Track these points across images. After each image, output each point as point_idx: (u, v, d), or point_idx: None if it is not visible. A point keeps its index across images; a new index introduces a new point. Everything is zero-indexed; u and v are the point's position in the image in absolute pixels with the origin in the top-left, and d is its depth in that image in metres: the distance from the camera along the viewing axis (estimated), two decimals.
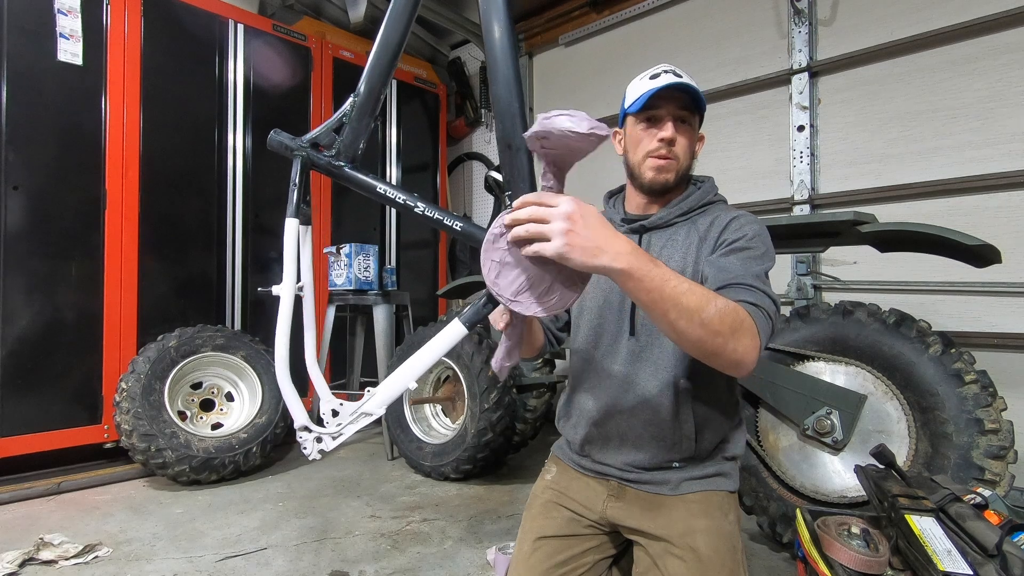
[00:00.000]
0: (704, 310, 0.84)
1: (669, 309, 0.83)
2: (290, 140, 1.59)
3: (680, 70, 1.16)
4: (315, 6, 4.30)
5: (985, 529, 1.11)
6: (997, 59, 2.53)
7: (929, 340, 1.85)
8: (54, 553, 1.97)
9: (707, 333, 0.84)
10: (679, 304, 0.82)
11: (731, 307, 0.88)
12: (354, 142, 1.58)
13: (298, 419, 1.46)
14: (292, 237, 1.59)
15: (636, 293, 0.83)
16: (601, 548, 1.20)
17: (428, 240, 4.58)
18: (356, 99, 1.58)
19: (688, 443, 1.13)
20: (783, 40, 3.17)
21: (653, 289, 0.81)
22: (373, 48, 1.59)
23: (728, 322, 0.85)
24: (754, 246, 1.06)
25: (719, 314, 0.85)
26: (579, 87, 4.20)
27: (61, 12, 2.74)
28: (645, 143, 1.17)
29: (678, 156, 1.15)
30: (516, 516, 2.42)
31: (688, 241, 1.14)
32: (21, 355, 2.64)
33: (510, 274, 0.91)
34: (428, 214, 1.43)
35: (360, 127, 1.57)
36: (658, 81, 1.12)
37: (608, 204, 1.32)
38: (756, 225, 1.11)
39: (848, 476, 1.91)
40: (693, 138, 1.18)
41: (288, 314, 1.55)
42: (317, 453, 1.37)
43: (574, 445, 1.25)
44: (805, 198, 3.04)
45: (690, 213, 1.18)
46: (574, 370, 1.27)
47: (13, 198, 2.62)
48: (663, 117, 1.14)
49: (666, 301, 0.82)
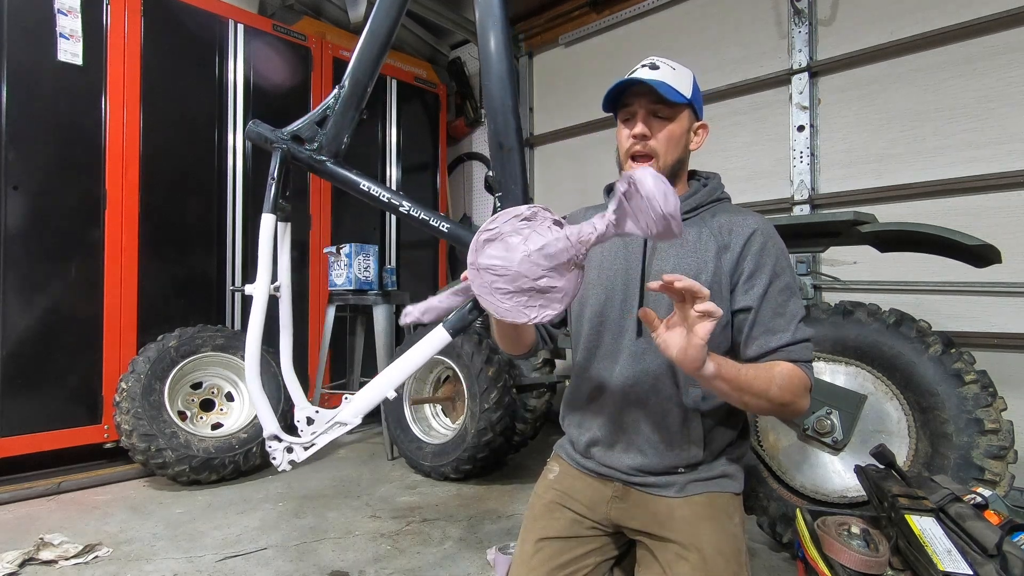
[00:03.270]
0: (769, 391, 0.97)
1: (744, 395, 0.96)
2: (269, 132, 1.53)
3: (663, 60, 1.14)
4: (315, 6, 4.29)
5: (985, 529, 1.11)
6: (997, 59, 2.53)
7: (929, 340, 1.85)
8: (54, 553, 1.97)
9: (772, 406, 1.00)
10: (752, 390, 0.96)
11: (791, 378, 1.00)
12: (337, 136, 1.50)
13: (267, 427, 1.38)
14: (268, 234, 1.51)
15: (716, 387, 0.94)
16: (603, 550, 1.20)
17: (428, 240, 4.57)
18: (341, 91, 1.50)
19: (696, 449, 1.12)
20: (783, 40, 3.17)
21: (731, 382, 0.94)
22: (360, 39, 1.51)
23: (789, 392, 0.99)
24: (787, 280, 1.09)
25: (781, 390, 0.98)
26: (579, 87, 4.19)
27: (61, 12, 2.74)
28: (624, 141, 1.16)
29: (656, 151, 1.12)
30: (516, 516, 2.42)
31: (701, 245, 1.12)
32: (21, 355, 2.63)
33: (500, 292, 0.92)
34: (413, 214, 1.38)
35: (344, 121, 1.50)
36: (629, 77, 1.12)
37: (608, 198, 1.31)
38: (776, 239, 1.12)
39: (848, 476, 1.91)
40: (677, 129, 1.13)
41: (261, 315, 1.48)
42: (287, 464, 1.31)
43: (578, 445, 1.24)
44: (805, 198, 3.04)
45: (698, 210, 1.16)
46: (578, 368, 1.25)
47: (13, 198, 2.62)
48: (635, 112, 1.14)
49: (743, 391, 0.96)
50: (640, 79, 1.10)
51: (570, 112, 4.21)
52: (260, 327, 1.48)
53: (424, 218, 1.36)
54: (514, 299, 0.94)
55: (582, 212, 1.35)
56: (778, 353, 1.04)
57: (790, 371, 1.00)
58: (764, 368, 1.00)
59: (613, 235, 0.91)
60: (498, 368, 2.79)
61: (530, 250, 0.92)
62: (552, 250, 0.91)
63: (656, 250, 1.15)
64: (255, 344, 1.47)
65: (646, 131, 1.12)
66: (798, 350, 1.05)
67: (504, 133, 1.23)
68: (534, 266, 0.92)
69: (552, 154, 4.32)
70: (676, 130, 1.13)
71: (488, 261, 0.95)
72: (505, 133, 1.23)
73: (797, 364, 1.03)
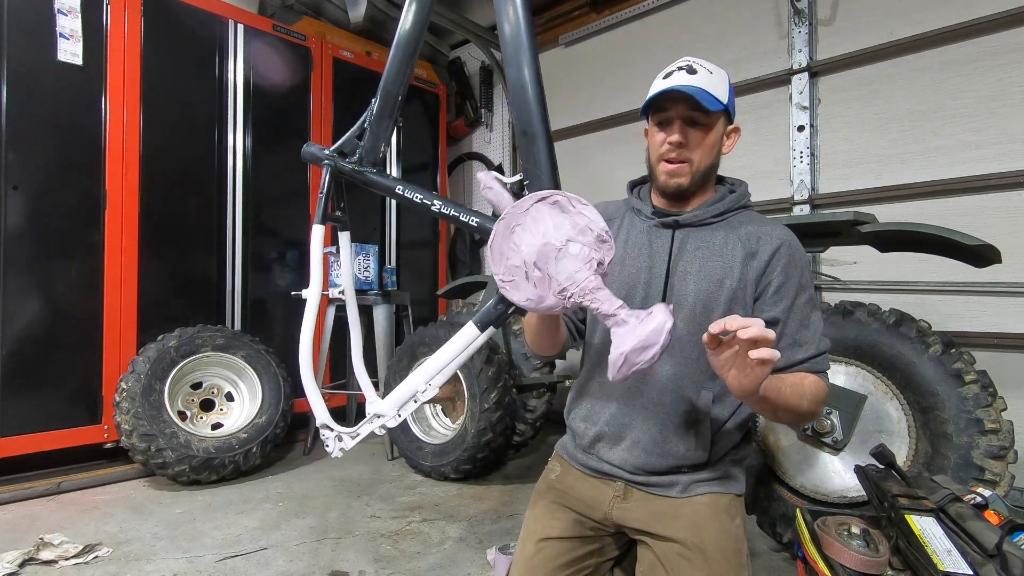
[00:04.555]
0: (801, 405, 1.02)
1: (778, 411, 1.02)
2: (319, 151, 1.64)
3: (701, 63, 1.12)
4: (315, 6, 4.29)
5: (985, 529, 1.11)
6: (997, 59, 2.53)
7: (929, 340, 1.85)
8: (54, 553, 1.97)
9: (799, 418, 1.05)
10: (786, 406, 1.01)
11: (816, 391, 1.04)
12: (375, 146, 1.62)
13: (319, 417, 1.50)
14: (318, 244, 1.63)
15: (756, 404, 1.01)
16: (604, 550, 1.20)
17: (428, 240, 4.58)
18: (375, 103, 1.62)
19: (701, 451, 1.12)
20: (783, 40, 3.17)
21: (772, 401, 0.99)
22: (390, 51, 1.62)
23: (815, 404, 1.04)
24: (811, 292, 1.13)
25: (810, 403, 1.03)
26: (579, 87, 4.20)
27: (61, 12, 2.74)
28: (657, 145, 1.15)
29: (691, 159, 1.12)
30: (516, 516, 2.42)
31: (729, 249, 1.12)
32: (21, 355, 2.63)
33: (520, 279, 0.91)
34: (444, 211, 1.47)
35: (379, 131, 1.62)
36: (667, 82, 1.09)
37: (633, 194, 1.28)
38: (801, 251, 1.14)
39: (848, 476, 1.91)
40: (712, 137, 1.12)
41: (313, 316, 1.60)
42: (338, 451, 1.43)
43: (582, 441, 1.23)
44: (805, 198, 3.04)
45: (725, 215, 1.16)
46: (590, 362, 1.24)
47: (13, 198, 2.62)
48: (672, 119, 1.11)
49: (777, 409, 1.02)
50: (680, 88, 1.07)
51: (570, 112, 4.21)
52: (312, 326, 1.60)
53: (454, 214, 1.44)
54: (536, 286, 0.94)
55: (601, 207, 1.34)
56: (803, 365, 1.08)
57: (815, 384, 1.05)
58: (797, 383, 1.03)
59: (599, 315, 0.96)
60: (498, 368, 2.79)
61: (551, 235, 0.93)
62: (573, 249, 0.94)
63: (684, 249, 1.15)
64: (307, 342, 1.58)
65: (683, 139, 1.11)
66: (821, 362, 1.09)
67: (526, 120, 1.23)
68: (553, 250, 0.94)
69: None
70: (712, 138, 1.12)
71: (509, 246, 0.96)
72: (527, 120, 1.23)
73: (819, 376, 1.07)
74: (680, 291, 1.12)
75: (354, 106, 3.95)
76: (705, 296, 1.11)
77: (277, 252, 3.59)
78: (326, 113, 3.79)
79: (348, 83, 3.92)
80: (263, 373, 3.07)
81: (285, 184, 3.60)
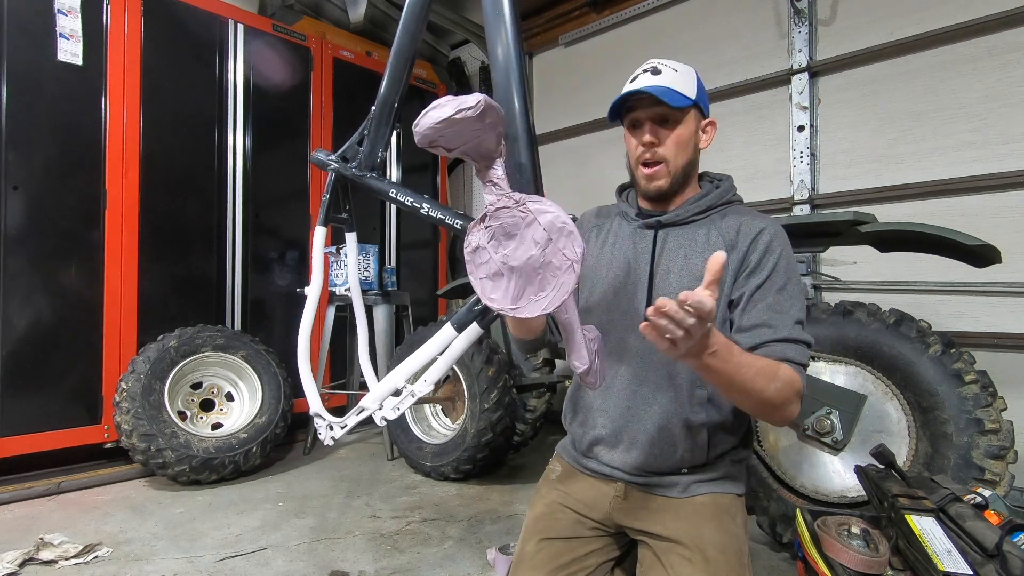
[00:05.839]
0: (765, 391, 0.94)
1: (736, 393, 0.95)
2: (325, 156, 1.73)
3: (665, 63, 1.13)
4: (315, 6, 4.29)
5: (985, 529, 1.11)
6: (997, 59, 2.53)
7: (929, 340, 1.85)
8: (54, 553, 1.97)
9: (764, 408, 0.97)
10: (744, 388, 0.93)
11: (786, 382, 0.96)
12: (372, 152, 1.69)
13: (313, 406, 1.58)
14: (320, 243, 1.75)
15: (711, 377, 0.92)
16: (605, 550, 1.20)
17: (428, 240, 4.58)
18: (374, 111, 1.69)
19: (700, 452, 1.12)
20: (783, 40, 3.17)
21: (725, 375, 0.90)
22: (388, 61, 1.70)
23: (783, 396, 0.96)
24: (791, 279, 1.07)
25: (777, 392, 0.95)
26: (579, 87, 4.20)
27: (61, 12, 2.74)
28: (633, 148, 1.16)
29: (665, 158, 1.12)
30: (516, 516, 2.42)
31: (711, 246, 1.12)
32: (21, 355, 2.63)
33: (500, 284, 0.90)
34: (432, 214, 1.53)
35: (376, 137, 1.69)
36: (632, 85, 1.12)
37: (621, 198, 1.30)
38: (784, 241, 1.10)
39: (848, 476, 1.91)
40: (685, 133, 1.12)
41: (312, 311, 1.72)
42: (330, 439, 1.50)
43: (581, 445, 1.24)
44: (805, 198, 3.04)
45: (708, 212, 1.16)
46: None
47: (13, 198, 2.62)
48: (642, 121, 1.13)
49: (735, 387, 0.93)
50: (643, 89, 1.09)
51: (570, 112, 4.20)
52: (311, 320, 1.73)
53: (441, 216, 1.51)
54: (509, 286, 0.91)
55: (593, 213, 1.34)
56: (771, 346, 1.01)
57: (788, 373, 0.97)
58: (768, 369, 0.96)
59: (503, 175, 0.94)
60: (498, 368, 2.79)
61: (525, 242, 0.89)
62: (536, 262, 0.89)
63: (666, 249, 1.16)
64: (306, 334, 1.72)
65: (654, 139, 1.12)
66: (793, 349, 1.01)
67: (508, 123, 1.25)
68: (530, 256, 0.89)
69: (552, 154, 4.30)
70: (684, 134, 1.13)
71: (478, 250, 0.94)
72: (509, 122, 1.25)
73: (792, 366, 1.00)
74: (664, 290, 1.13)
75: (354, 106, 3.95)
76: None
77: (277, 252, 3.59)
78: (326, 113, 3.80)
79: (348, 83, 3.92)
80: (263, 373, 3.07)
81: (285, 184, 3.60)
